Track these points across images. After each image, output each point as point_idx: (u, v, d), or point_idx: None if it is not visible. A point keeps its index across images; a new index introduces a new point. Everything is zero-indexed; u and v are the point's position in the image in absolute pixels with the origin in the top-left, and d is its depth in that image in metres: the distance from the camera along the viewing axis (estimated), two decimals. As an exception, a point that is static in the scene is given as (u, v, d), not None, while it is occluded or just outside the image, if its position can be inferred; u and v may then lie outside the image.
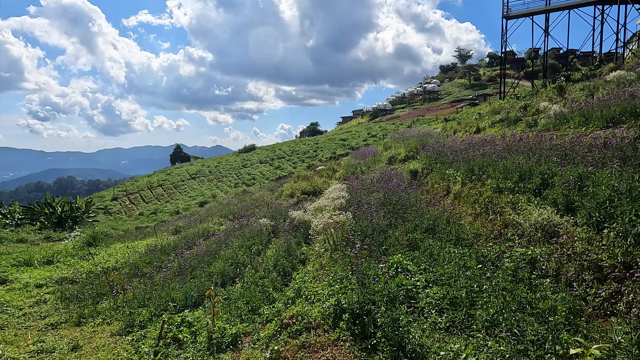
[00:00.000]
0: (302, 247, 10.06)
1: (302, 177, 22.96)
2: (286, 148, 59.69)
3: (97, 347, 6.29)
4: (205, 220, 19.92)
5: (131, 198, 48.47)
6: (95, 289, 9.98)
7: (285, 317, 5.70)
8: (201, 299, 8.12)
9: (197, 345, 5.72)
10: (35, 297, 10.28)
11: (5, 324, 8.15)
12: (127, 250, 15.87)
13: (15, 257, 15.10)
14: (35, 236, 24.50)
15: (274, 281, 8.01)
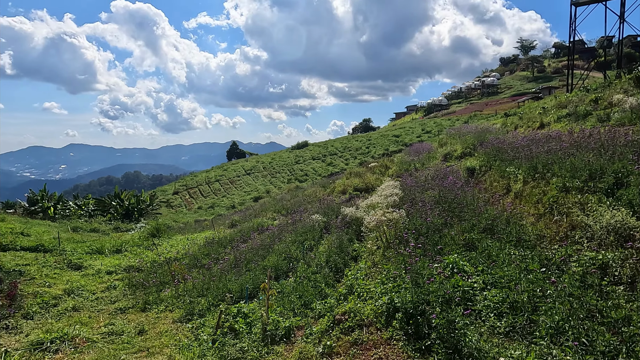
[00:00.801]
0: (354, 244, 10.04)
1: (354, 174, 22.89)
2: (338, 144, 59.78)
3: (161, 332, 6.69)
4: (260, 215, 20.47)
5: (191, 192, 50.85)
6: (159, 278, 10.61)
7: (337, 313, 5.73)
8: (256, 291, 8.36)
9: (252, 336, 5.91)
10: (106, 283, 11.11)
11: (81, 306, 8.89)
12: (187, 242, 16.70)
13: (89, 246, 16.39)
14: (106, 226, 26.46)
15: (326, 277, 8.07)
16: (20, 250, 14.89)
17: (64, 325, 7.19)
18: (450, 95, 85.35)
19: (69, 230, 22.23)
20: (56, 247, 15.39)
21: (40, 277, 11.18)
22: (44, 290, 9.91)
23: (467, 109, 63.11)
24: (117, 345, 6.14)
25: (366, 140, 58.17)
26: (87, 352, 5.87)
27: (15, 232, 17.91)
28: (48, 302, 9.05)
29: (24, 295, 9.30)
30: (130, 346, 6.10)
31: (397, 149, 45.32)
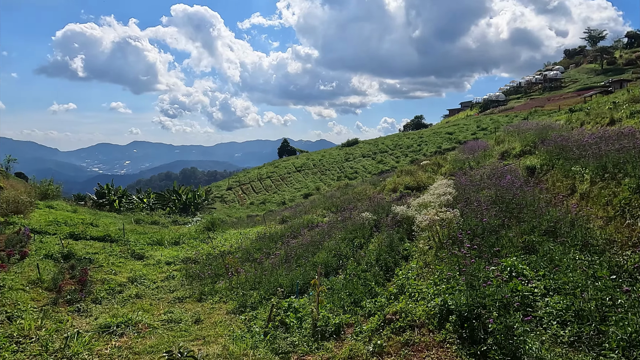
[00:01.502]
0: (405, 243, 9.88)
1: (405, 172, 22.48)
2: (389, 142, 58.98)
3: (215, 322, 6.95)
4: (309, 212, 20.68)
5: (243, 188, 52.35)
6: (214, 270, 11.03)
7: (388, 313, 5.67)
8: (306, 287, 8.46)
9: (303, 331, 5.99)
10: (166, 272, 11.72)
11: (143, 294, 9.44)
12: (240, 236, 17.23)
13: (150, 237, 17.36)
14: (165, 219, 27.91)
15: (376, 275, 8.00)
16: (90, 239, 16.07)
17: (128, 311, 7.67)
18: (508, 90, 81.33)
19: (132, 222, 23.68)
20: (121, 238, 16.46)
21: (107, 265, 12.01)
22: (110, 278, 10.64)
23: (527, 105, 59.86)
24: (176, 332, 6.47)
25: (418, 137, 56.91)
26: (148, 337, 6.23)
27: (85, 223, 19.35)
28: (114, 288, 9.71)
29: (93, 281, 10.03)
30: (187, 334, 6.40)
31: (450, 147, 43.92)
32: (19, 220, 17.83)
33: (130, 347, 5.72)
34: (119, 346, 5.76)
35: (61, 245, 13.57)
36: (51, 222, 18.68)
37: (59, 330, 6.46)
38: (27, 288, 9.03)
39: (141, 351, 5.60)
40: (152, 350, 5.62)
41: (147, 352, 5.58)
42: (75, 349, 5.54)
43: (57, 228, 17.28)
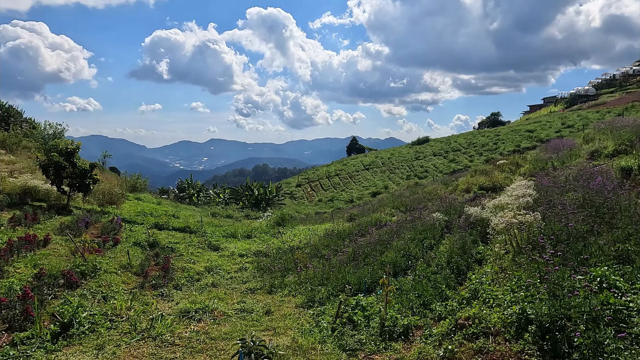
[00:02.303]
0: (479, 246, 9.42)
1: (479, 172, 21.42)
2: (462, 140, 56.53)
3: (285, 315, 7.17)
4: (378, 210, 20.49)
5: (312, 185, 53.22)
6: (283, 264, 11.35)
7: (460, 317, 5.45)
8: (373, 285, 8.41)
9: (370, 330, 5.96)
10: (239, 264, 12.30)
11: (218, 283, 9.99)
12: (309, 232, 17.55)
13: (225, 230, 18.30)
14: (238, 213, 29.26)
15: (446, 278, 7.73)
16: (172, 230, 17.32)
17: (205, 298, 8.17)
18: (599, 84, 73.98)
19: (208, 215, 25.13)
20: (199, 230, 17.54)
21: (187, 255, 12.87)
22: (189, 266, 11.40)
23: (622, 100, 54.01)
24: (248, 322, 6.77)
25: (494, 135, 53.88)
26: (223, 324, 6.59)
27: (168, 215, 20.89)
28: (193, 276, 10.39)
29: (174, 269, 10.81)
30: (258, 324, 6.67)
31: (531, 146, 41.03)
32: (112, 210, 19.71)
33: (207, 333, 6.09)
34: (197, 330, 6.16)
35: (147, 235, 14.79)
36: (139, 212, 20.42)
37: (145, 312, 7.06)
38: (119, 272, 9.97)
39: (217, 337, 5.94)
40: (226, 337, 5.94)
41: (222, 338, 5.90)
42: (159, 330, 6.03)
43: (144, 218, 18.85)
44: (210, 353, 5.35)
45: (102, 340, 5.66)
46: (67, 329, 5.85)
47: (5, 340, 5.52)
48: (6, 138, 30.25)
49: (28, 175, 19.48)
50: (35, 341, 5.45)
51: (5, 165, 20.29)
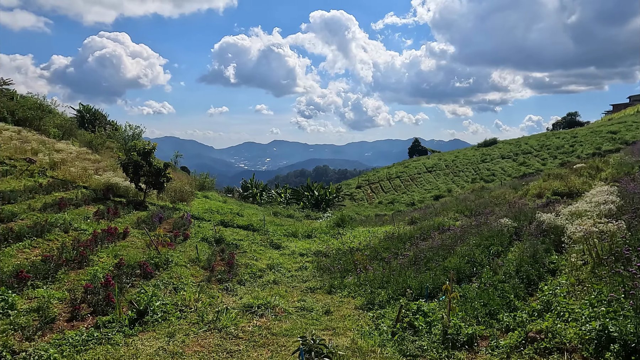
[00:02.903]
0: (552, 255, 8.80)
1: (553, 176, 19.99)
2: (534, 142, 53.13)
3: (344, 315, 7.17)
4: (440, 214, 19.86)
5: (372, 187, 52.80)
6: (343, 265, 11.38)
7: (530, 330, 5.12)
8: (435, 291, 8.16)
9: (432, 336, 5.79)
10: (299, 263, 12.51)
11: (279, 281, 10.24)
12: (368, 234, 17.43)
13: (286, 229, 18.71)
14: (299, 213, 29.78)
15: (515, 288, 7.30)
16: (236, 227, 18.03)
17: (266, 295, 8.41)
18: (699, 79, 65.89)
19: (270, 214, 25.83)
20: (262, 228, 18.09)
21: (250, 252, 13.33)
22: (252, 263, 11.80)
23: None
24: (307, 320, 6.86)
25: (570, 137, 50.02)
26: (284, 321, 6.74)
27: (233, 213, 21.78)
28: (255, 273, 10.74)
29: (238, 265, 11.25)
30: (318, 323, 6.73)
31: (614, 148, 37.58)
32: (183, 207, 20.93)
33: (269, 328, 6.26)
34: (260, 325, 6.36)
35: (214, 231, 15.53)
36: (207, 210, 21.50)
37: (212, 305, 7.41)
38: (188, 265, 10.57)
39: (278, 333, 6.09)
40: (287, 334, 6.06)
41: (283, 334, 6.04)
42: (224, 322, 6.30)
43: (211, 215, 19.81)
44: (272, 348, 5.50)
45: (172, 329, 6.04)
46: (143, 316, 6.30)
47: (90, 323, 6.07)
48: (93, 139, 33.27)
49: (110, 173, 21.27)
50: (115, 325, 5.93)
51: (92, 164, 22.30)
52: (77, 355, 4.93)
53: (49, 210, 13.08)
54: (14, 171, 17.04)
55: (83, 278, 8.12)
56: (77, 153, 23.61)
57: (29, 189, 14.86)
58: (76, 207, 14.48)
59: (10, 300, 6.11)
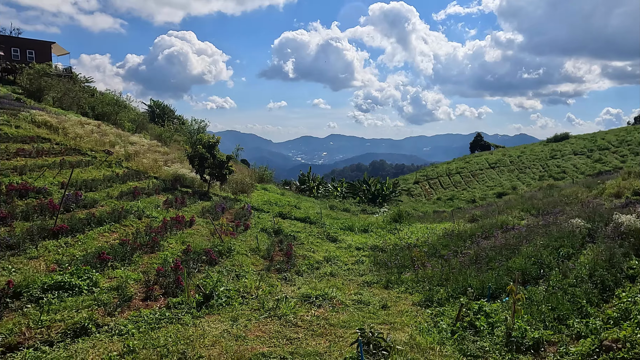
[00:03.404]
0: (632, 260, 8.09)
1: (635, 174, 18.33)
2: (612, 137, 48.90)
3: (401, 311, 7.12)
4: (504, 212, 18.94)
5: (430, 183, 51.49)
6: (400, 261, 11.26)
7: (606, 339, 4.78)
8: (497, 292, 7.84)
9: (494, 338, 5.59)
10: (356, 257, 12.55)
11: (336, 273, 10.35)
12: (426, 231, 17.06)
13: (342, 223, 18.81)
14: (355, 207, 29.77)
15: (588, 293, 6.83)
16: (294, 219, 18.42)
17: (324, 286, 8.55)
18: None
19: (327, 207, 26.07)
20: (318, 221, 18.33)
21: (307, 244, 13.59)
22: (309, 255, 12.02)
23: None
24: (364, 313, 6.89)
25: (656, 132, 45.48)
26: (341, 312, 6.82)
27: (291, 205, 22.26)
28: (312, 265, 10.94)
29: (296, 256, 11.52)
30: (375, 317, 6.74)
31: None
32: (243, 198, 21.72)
33: (327, 319, 6.37)
34: (317, 316, 6.49)
35: (273, 222, 15.98)
36: (266, 202, 22.15)
37: (271, 293, 7.68)
38: (248, 254, 10.99)
39: (335, 324, 6.18)
40: (344, 325, 6.14)
41: (341, 325, 6.12)
42: (284, 310, 6.52)
43: (269, 207, 20.39)
44: (330, 338, 5.60)
45: (236, 313, 6.34)
46: (208, 300, 6.68)
47: (162, 303, 6.55)
48: (162, 132, 35.43)
49: (178, 164, 22.57)
50: (184, 307, 6.35)
51: (161, 156, 23.77)
52: (152, 332, 5.35)
53: (125, 198, 14.16)
54: (95, 162, 18.62)
55: (155, 262, 8.75)
56: (148, 145, 25.28)
57: (107, 178, 16.17)
58: (148, 196, 15.55)
59: (94, 279, 6.75)
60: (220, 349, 4.95)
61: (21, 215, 9.69)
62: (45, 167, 14.89)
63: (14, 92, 31.09)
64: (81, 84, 40.01)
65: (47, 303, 5.67)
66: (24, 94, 31.25)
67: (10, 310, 5.45)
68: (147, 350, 4.77)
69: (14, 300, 5.69)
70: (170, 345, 4.93)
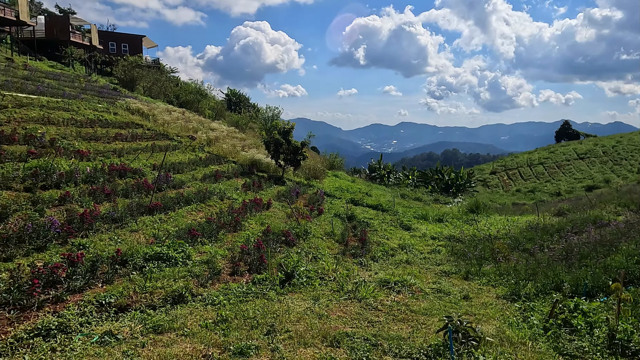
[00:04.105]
0: None
1: None
2: None
3: (485, 303, 6.82)
4: (596, 207, 17.30)
5: (509, 174, 48.55)
6: (480, 252, 10.78)
7: None
8: (594, 290, 7.21)
9: (594, 339, 5.15)
10: (431, 246, 12.24)
11: (412, 261, 10.18)
12: (507, 223, 16.13)
13: (415, 212, 18.42)
14: (427, 197, 28.97)
15: None
16: (365, 206, 18.38)
17: (400, 272, 8.45)
18: None
19: (398, 196, 25.64)
20: (390, 209, 18.12)
21: (380, 230, 13.50)
22: (383, 242, 11.93)
23: None
24: (445, 302, 6.70)
25: None
26: (421, 300, 6.70)
27: (362, 192, 22.21)
28: (387, 251, 10.85)
29: (370, 242, 11.49)
30: (457, 307, 6.52)
31: None
32: (316, 184, 22.06)
33: (407, 305, 6.29)
34: (397, 301, 6.43)
35: (345, 208, 16.08)
36: (337, 188, 22.31)
37: (348, 276, 7.74)
38: (323, 238, 11.18)
39: (417, 311, 6.08)
40: (426, 313, 6.01)
41: (422, 313, 6.01)
42: (363, 293, 6.54)
43: (341, 193, 20.52)
44: (412, 324, 5.52)
45: (316, 293, 6.49)
46: (290, 279, 6.91)
47: (247, 279, 6.90)
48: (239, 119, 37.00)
49: (254, 150, 23.45)
50: (268, 283, 6.63)
51: (239, 142, 24.85)
52: (240, 304, 5.65)
53: (207, 180, 15.04)
54: (180, 146, 19.95)
55: (238, 240, 9.22)
56: (227, 132, 26.54)
57: (191, 161, 17.26)
58: (228, 179, 16.37)
59: (187, 252, 7.28)
60: (306, 325, 5.10)
61: (122, 192, 10.68)
62: (140, 150, 16.24)
63: (111, 82, 34.21)
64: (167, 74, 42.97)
65: (149, 271, 6.23)
66: (119, 84, 34.28)
67: (119, 275, 6.06)
68: (239, 321, 5.05)
69: (121, 267, 6.32)
70: (259, 318, 5.18)
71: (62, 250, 6.59)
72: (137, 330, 4.58)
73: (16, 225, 7.04)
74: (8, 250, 6.19)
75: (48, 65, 32.09)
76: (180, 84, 41.96)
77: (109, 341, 4.27)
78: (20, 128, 13.44)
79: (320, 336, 4.80)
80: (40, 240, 6.65)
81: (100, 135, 16.35)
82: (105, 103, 23.15)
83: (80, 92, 23.48)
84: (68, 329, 4.41)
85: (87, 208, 8.61)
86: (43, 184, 9.70)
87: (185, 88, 38.53)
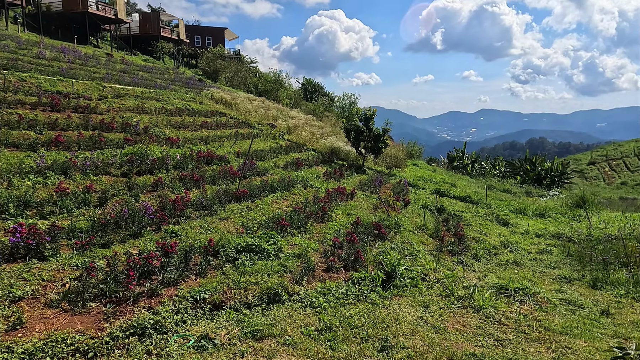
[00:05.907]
0: None
1: None
2: None
3: (634, 322, 5.52)
4: None
5: (612, 164, 43.30)
6: (602, 254, 9.18)
7: None
8: None
9: None
10: (538, 245, 10.76)
11: (520, 262, 8.91)
12: (625, 221, 13.90)
13: (509, 204, 16.68)
14: (517, 189, 26.53)
15: None
16: (452, 198, 17.03)
17: (512, 276, 7.32)
18: None
19: (484, 187, 23.69)
20: (481, 201, 16.58)
21: (475, 225, 12.22)
22: (482, 238, 10.70)
23: None
24: (581, 318, 5.51)
25: None
26: (551, 313, 5.57)
27: (446, 182, 20.74)
28: (489, 249, 9.65)
29: (466, 238, 10.33)
30: (599, 325, 5.30)
31: None
32: (397, 173, 21.01)
33: (537, 320, 5.22)
34: (523, 314, 5.38)
35: (433, 199, 14.92)
36: (419, 177, 21.06)
37: (452, 277, 6.78)
38: (415, 231, 10.25)
39: (552, 328, 4.96)
40: (565, 332, 4.85)
41: (559, 332, 4.87)
42: (479, 301, 5.58)
43: (424, 183, 19.28)
44: (551, 347, 4.48)
45: (424, 298, 5.66)
46: (391, 279, 6.16)
47: (344, 277, 6.26)
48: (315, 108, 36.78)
49: (333, 138, 22.91)
50: (368, 283, 5.93)
51: (317, 129, 24.47)
52: (342, 308, 5.02)
53: (289, 168, 14.75)
54: (262, 134, 19.98)
55: (326, 231, 8.66)
56: (305, 120, 26.30)
57: (273, 149, 17.13)
58: (309, 167, 15.99)
59: (279, 244, 6.84)
60: (423, 341, 4.32)
61: (209, 179, 10.65)
62: (224, 138, 16.42)
63: (196, 73, 35.71)
64: (247, 65, 44.00)
65: (241, 264, 5.84)
66: (203, 75, 35.67)
67: (211, 267, 5.74)
68: (345, 330, 4.41)
69: (213, 258, 6.00)
70: (367, 328, 4.50)
71: (156, 238, 6.46)
72: (235, 334, 4.13)
73: (113, 210, 7.08)
74: (106, 236, 6.16)
75: (141, 59, 34.23)
76: (259, 74, 42.75)
77: (206, 346, 3.86)
78: (117, 117, 14.10)
79: (445, 358, 4.00)
80: (136, 226, 6.59)
81: (188, 124, 16.78)
82: (192, 93, 23.99)
83: (169, 83, 24.58)
84: (163, 328, 4.09)
85: (178, 194, 8.57)
86: (138, 170, 9.93)
87: (264, 77, 39.12)
